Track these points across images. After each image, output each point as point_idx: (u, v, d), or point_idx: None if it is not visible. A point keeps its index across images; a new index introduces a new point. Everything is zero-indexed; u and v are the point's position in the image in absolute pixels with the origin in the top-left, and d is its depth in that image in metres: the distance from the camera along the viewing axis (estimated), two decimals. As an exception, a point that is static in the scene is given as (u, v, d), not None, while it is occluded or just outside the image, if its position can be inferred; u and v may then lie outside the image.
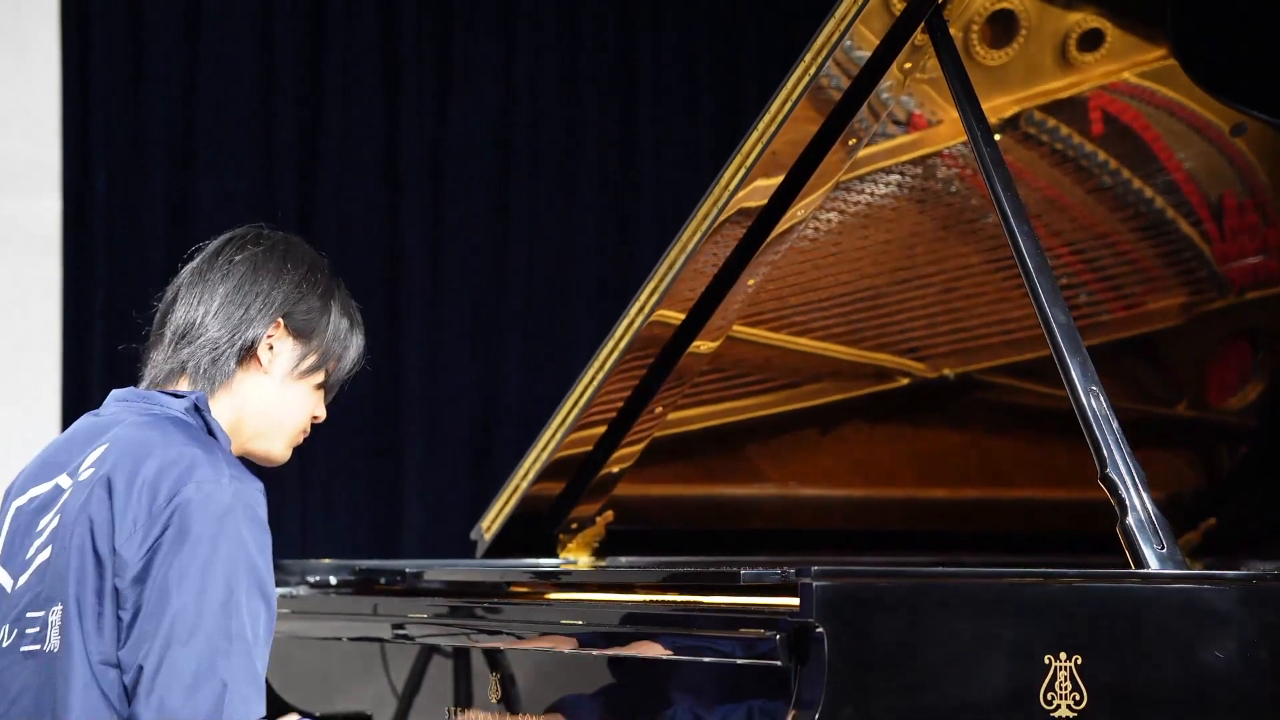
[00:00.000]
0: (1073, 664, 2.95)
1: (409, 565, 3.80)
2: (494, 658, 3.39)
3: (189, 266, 3.05)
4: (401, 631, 3.60)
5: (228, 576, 2.76)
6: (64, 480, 2.90)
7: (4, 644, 2.84)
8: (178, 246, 5.96)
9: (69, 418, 5.81)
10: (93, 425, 2.97)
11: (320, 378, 3.02)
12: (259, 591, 2.79)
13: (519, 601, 3.55)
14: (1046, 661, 2.94)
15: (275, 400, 2.99)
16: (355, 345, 3.06)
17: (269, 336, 2.98)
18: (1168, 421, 4.54)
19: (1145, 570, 3.11)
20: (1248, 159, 4.12)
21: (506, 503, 4.17)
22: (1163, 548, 3.13)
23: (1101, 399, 3.23)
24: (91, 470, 2.85)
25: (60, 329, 5.84)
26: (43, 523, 2.88)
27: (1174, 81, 3.94)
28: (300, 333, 3.00)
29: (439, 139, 6.24)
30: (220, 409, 2.97)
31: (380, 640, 3.64)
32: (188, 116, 5.99)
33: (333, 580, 3.90)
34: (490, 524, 4.20)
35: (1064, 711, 2.94)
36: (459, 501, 6.11)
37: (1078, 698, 2.94)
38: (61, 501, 2.87)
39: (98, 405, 3.07)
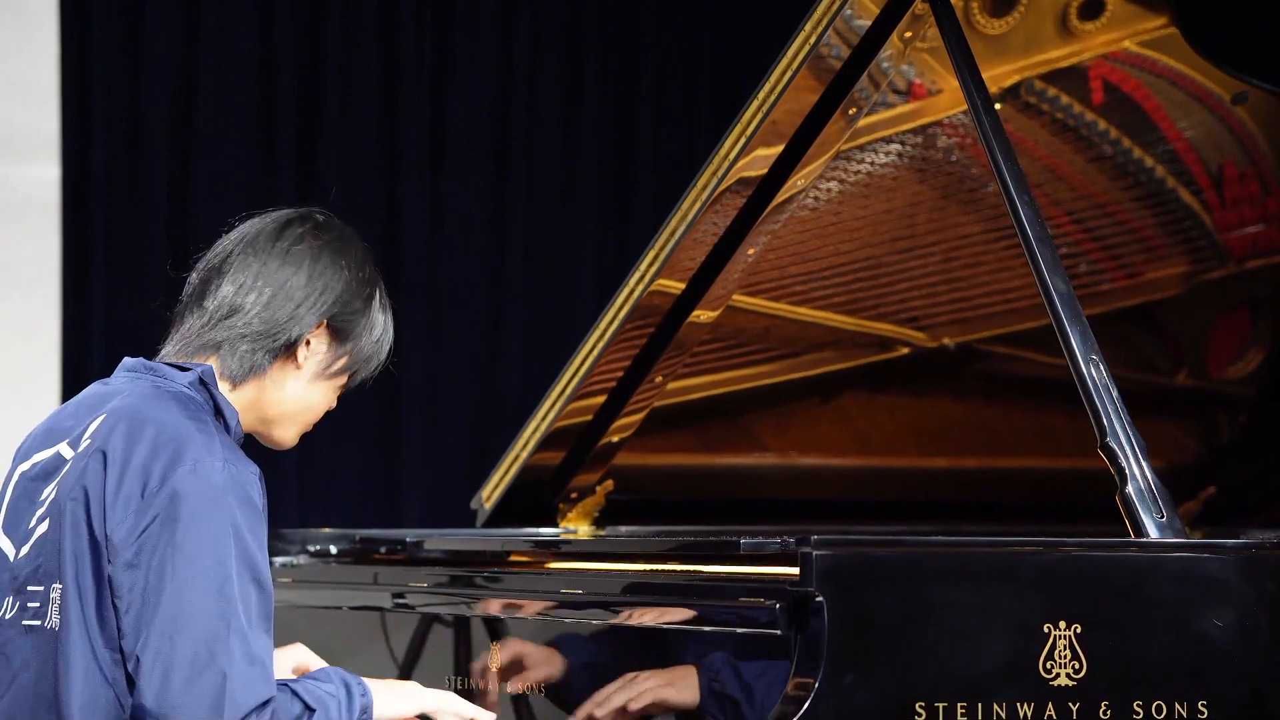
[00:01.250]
0: (1072, 633, 2.95)
1: (409, 534, 3.80)
2: (494, 627, 3.40)
3: (240, 237, 2.99)
4: (402, 600, 3.60)
5: (220, 562, 2.73)
6: (65, 449, 2.88)
7: (7, 616, 2.83)
8: (177, 216, 6.01)
9: (68, 384, 5.81)
10: (99, 394, 2.94)
11: (345, 378, 3.01)
12: (251, 576, 2.76)
13: (519, 571, 3.56)
14: (1046, 630, 2.94)
15: (300, 395, 2.97)
16: (385, 347, 3.04)
17: (310, 335, 2.94)
18: (1168, 390, 4.54)
19: (1145, 539, 3.11)
20: (1248, 128, 4.11)
21: (506, 472, 4.17)
22: (1162, 516, 3.13)
23: (1101, 368, 3.23)
24: (89, 442, 2.83)
25: (60, 297, 5.84)
26: (44, 492, 2.86)
27: (1175, 50, 3.93)
28: (339, 334, 2.96)
29: (438, 114, 6.24)
30: (242, 393, 2.92)
31: (380, 609, 3.65)
32: (187, 86, 5.98)
33: (333, 549, 3.91)
34: (490, 493, 4.21)
35: (1063, 680, 2.94)
36: (458, 472, 6.11)
37: (1077, 666, 2.95)
38: (62, 472, 2.85)
39: (96, 372, 3.05)
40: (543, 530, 4.17)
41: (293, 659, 3.08)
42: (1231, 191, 4.20)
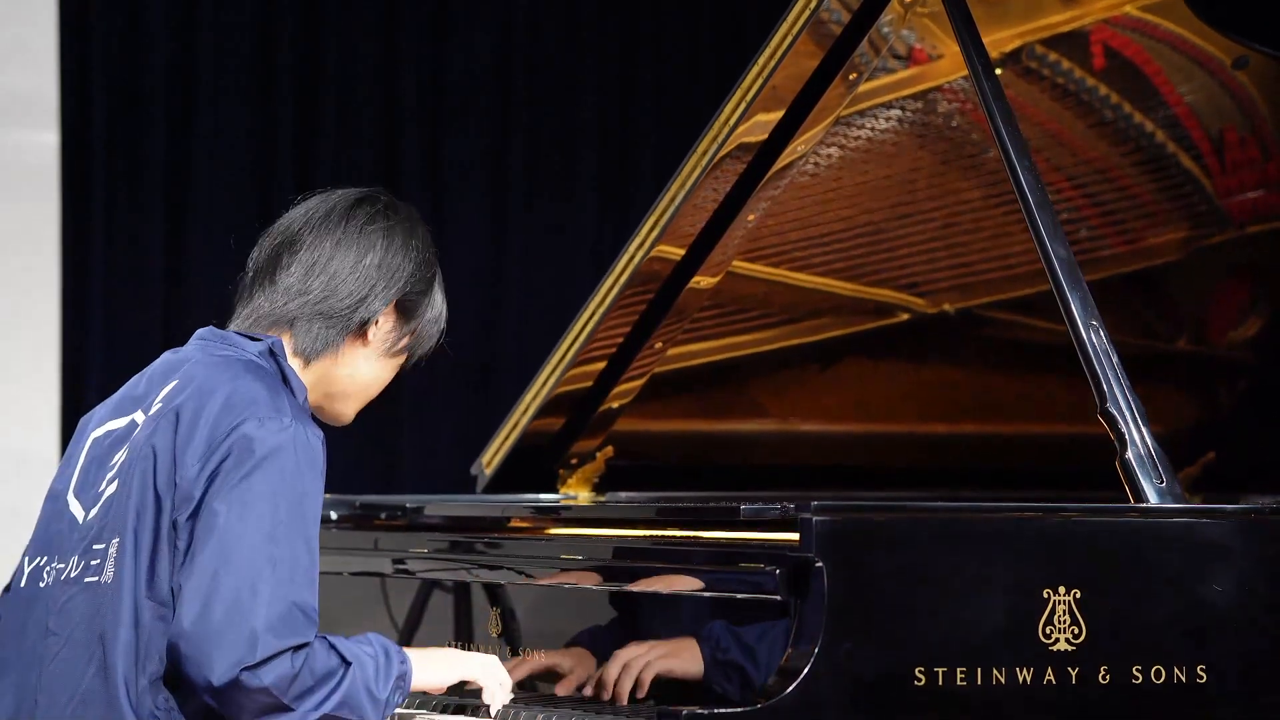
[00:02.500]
0: (1071, 598, 2.95)
1: (409, 500, 3.81)
2: (494, 592, 3.40)
3: (307, 215, 3.01)
4: (402, 566, 3.61)
5: (275, 510, 2.78)
6: (139, 416, 2.93)
7: (72, 575, 2.88)
8: (177, 181, 6.00)
9: (67, 351, 5.81)
10: (171, 361, 2.99)
11: (404, 358, 3.08)
12: (302, 533, 2.81)
13: (519, 536, 3.56)
14: (1045, 595, 2.95)
15: (366, 372, 3.04)
16: (442, 324, 3.12)
17: (381, 313, 3.00)
18: (1168, 356, 4.54)
19: (1144, 504, 3.11)
20: (1249, 92, 4.10)
21: (507, 438, 4.17)
22: (1162, 482, 3.13)
23: (1101, 334, 3.23)
24: (160, 406, 2.89)
25: (59, 263, 5.84)
26: (115, 457, 2.91)
27: (1175, 15, 3.92)
28: (405, 314, 3.03)
29: (438, 72, 6.22)
30: (314, 369, 2.98)
31: (381, 575, 3.65)
32: (186, 49, 5.97)
33: (333, 515, 3.91)
34: (490, 459, 4.21)
35: (1062, 645, 2.95)
36: (458, 438, 6.11)
37: (1076, 631, 2.95)
38: (132, 435, 2.90)
39: (95, 337, 3.10)
40: (543, 496, 4.18)
41: None
42: (1232, 156, 4.19)
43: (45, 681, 2.85)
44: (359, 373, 3.03)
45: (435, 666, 2.98)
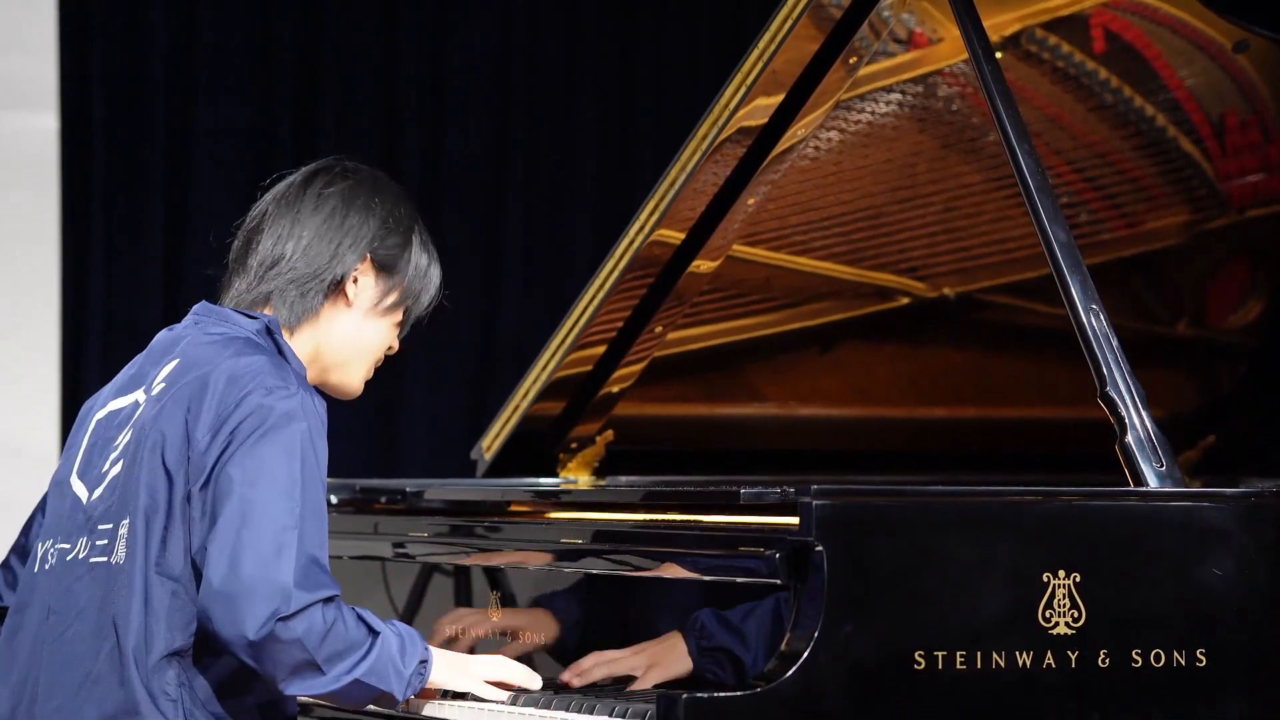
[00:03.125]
0: (1071, 582, 2.95)
1: (409, 484, 3.81)
2: (494, 576, 3.40)
3: (273, 195, 3.08)
4: (402, 550, 3.61)
5: (291, 471, 2.84)
6: (140, 395, 2.96)
7: (79, 555, 2.89)
8: (176, 167, 6.00)
9: (67, 337, 5.81)
10: (167, 340, 3.02)
11: (400, 313, 3.08)
12: (315, 491, 2.87)
13: (519, 520, 3.56)
14: (1045, 579, 2.95)
15: (356, 334, 3.05)
16: (434, 280, 3.12)
17: (356, 271, 3.02)
18: (1168, 340, 4.54)
19: (1144, 488, 3.11)
20: (1250, 76, 4.10)
21: (507, 422, 4.17)
22: (1162, 466, 3.13)
23: (1101, 317, 3.23)
24: (163, 385, 2.92)
25: (59, 249, 5.83)
26: (120, 438, 2.93)
27: (1177, -2, 3.92)
28: (385, 268, 3.04)
29: (438, 61, 6.22)
30: (301, 339, 3.02)
31: (381, 559, 3.65)
32: (186, 34, 5.96)
33: (333, 499, 3.91)
34: (490, 443, 4.21)
35: (1062, 629, 2.95)
36: (458, 422, 6.11)
37: (1076, 615, 2.95)
38: (136, 415, 2.93)
39: (96, 323, 3.13)
40: (543, 480, 4.18)
41: None
42: (1232, 140, 4.19)
43: (47, 662, 2.86)
44: (350, 335, 3.05)
45: (447, 671, 3.00)
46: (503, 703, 3.04)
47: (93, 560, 2.87)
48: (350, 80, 6.15)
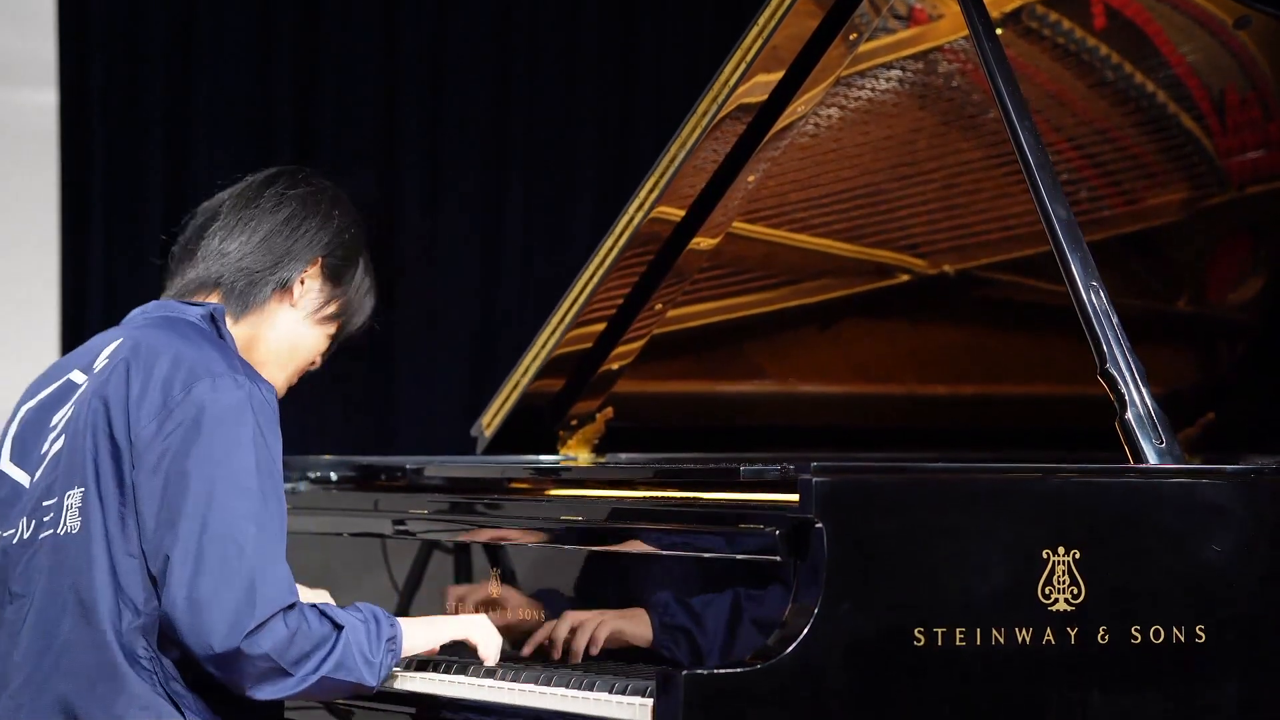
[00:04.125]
0: (1070, 558, 2.96)
1: (410, 461, 3.81)
2: (494, 553, 3.41)
3: (229, 192, 3.10)
4: (402, 527, 3.61)
5: (245, 468, 2.82)
6: (77, 375, 2.97)
7: (24, 536, 2.89)
8: (175, 141, 5.99)
9: (67, 310, 5.81)
10: (108, 331, 3.04)
11: (335, 327, 3.10)
12: (273, 486, 2.85)
13: (519, 497, 3.56)
14: (1045, 556, 2.95)
15: (294, 336, 3.07)
16: (370, 305, 3.14)
17: (305, 273, 3.04)
18: (1168, 317, 4.54)
19: (1144, 465, 3.12)
20: (1251, 53, 4.09)
21: (506, 399, 4.17)
22: (1161, 443, 3.14)
23: (1102, 294, 3.23)
24: (105, 361, 2.92)
25: (58, 224, 5.83)
26: (55, 417, 2.94)
27: (1177, -26, 3.92)
28: (333, 277, 3.07)
29: (439, 32, 6.21)
30: (240, 330, 3.03)
31: (381, 536, 3.66)
32: (186, 8, 5.95)
33: (333, 476, 3.92)
34: (490, 420, 4.21)
35: (1061, 605, 2.95)
36: (458, 399, 6.11)
37: (1075, 591, 2.95)
38: (76, 394, 2.93)
39: (95, 298, 3.14)
40: (543, 457, 4.18)
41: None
42: (1233, 117, 4.18)
43: (20, 641, 2.86)
44: (288, 335, 3.06)
45: (424, 630, 3.04)
46: (495, 656, 3.09)
47: (41, 536, 2.88)
48: (350, 53, 6.14)
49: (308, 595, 3.23)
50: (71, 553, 2.83)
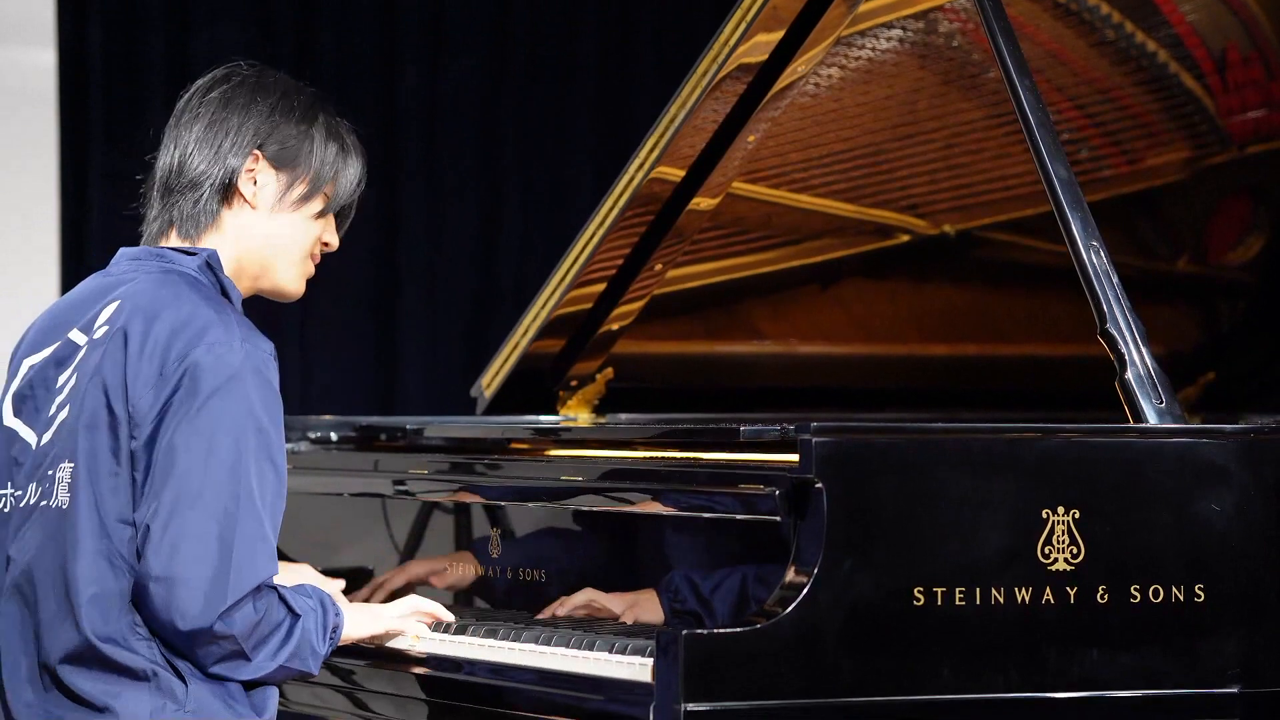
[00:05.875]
0: (1070, 518, 2.96)
1: (410, 422, 3.81)
2: (494, 513, 3.41)
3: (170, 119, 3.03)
4: (402, 487, 3.62)
5: (236, 439, 2.77)
6: (78, 336, 2.90)
7: (30, 501, 2.86)
8: (174, 101, 5.97)
9: (67, 272, 5.80)
10: (102, 284, 2.95)
11: (317, 205, 2.99)
12: (267, 456, 2.80)
13: (519, 458, 3.56)
14: (1044, 516, 2.95)
15: (268, 233, 2.96)
16: (352, 169, 3.02)
17: (249, 171, 2.95)
18: (1168, 277, 4.54)
19: (1144, 425, 3.12)
20: (1252, 10, 4.08)
21: (506, 360, 4.17)
22: (1161, 402, 3.14)
23: (1102, 254, 3.22)
24: (105, 328, 2.85)
25: (58, 184, 5.82)
26: (61, 379, 2.88)
27: (1178, -68, 3.91)
28: (282, 163, 2.96)
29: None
30: (221, 254, 2.94)
31: (381, 496, 3.66)
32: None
33: (334, 436, 3.92)
34: (490, 381, 4.21)
35: (1061, 565, 2.95)
36: (458, 360, 6.12)
37: (1074, 551, 2.96)
38: (78, 359, 2.87)
39: (94, 257, 3.07)
40: (543, 418, 4.18)
41: (298, 578, 3.12)
42: (1234, 75, 4.17)
43: (5, 608, 2.85)
44: (263, 236, 2.96)
45: (361, 620, 3.03)
46: (428, 635, 3.10)
47: (40, 505, 2.84)
48: (349, 11, 6.12)
49: (289, 569, 3.22)
50: (60, 528, 2.80)
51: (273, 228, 2.97)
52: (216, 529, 2.74)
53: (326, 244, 3.03)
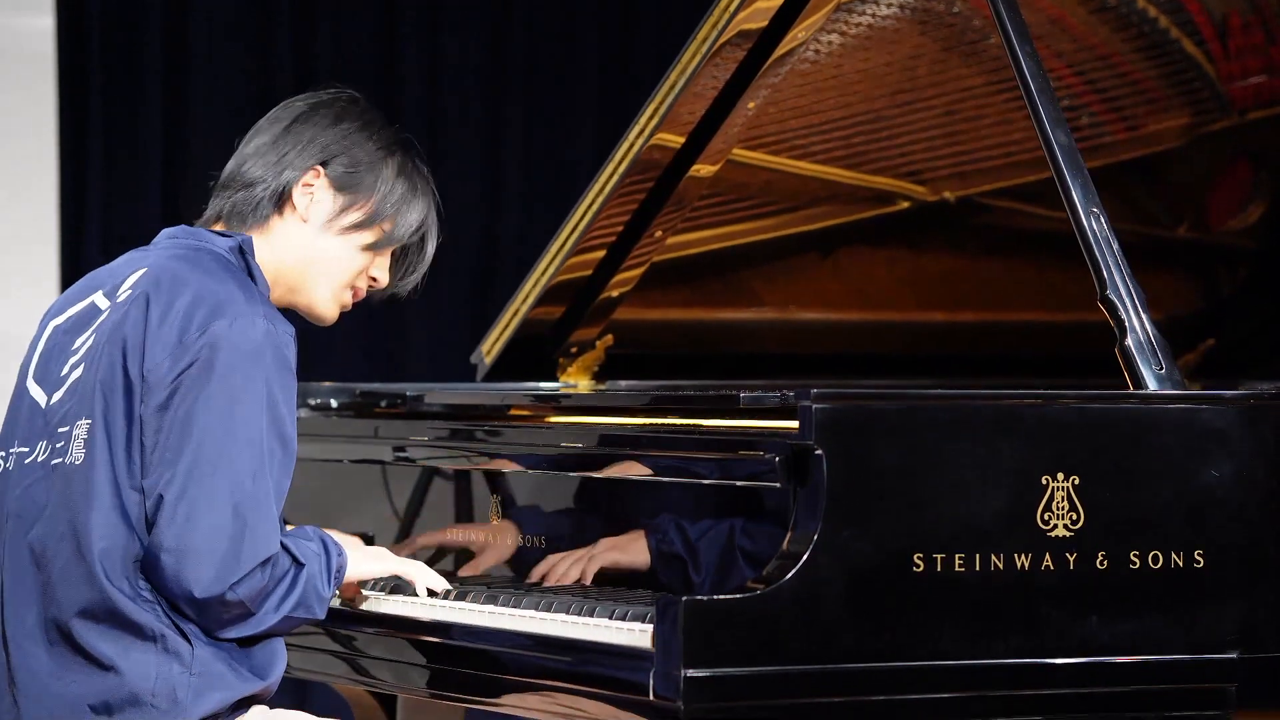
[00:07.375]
0: (1070, 484, 2.96)
1: (410, 388, 3.82)
2: (494, 480, 3.41)
3: None
4: (402, 454, 3.62)
5: (251, 416, 2.79)
6: (100, 300, 2.93)
7: (38, 459, 2.88)
8: (174, 64, 5.97)
9: (66, 239, 5.80)
10: (137, 254, 2.99)
11: (370, 237, 3.01)
12: (278, 434, 2.82)
13: (519, 424, 3.57)
14: (1044, 482, 2.96)
15: (310, 249, 3.00)
16: (415, 213, 3.04)
17: (305, 185, 2.98)
18: (1168, 243, 4.54)
19: (1144, 391, 3.12)
20: (1254, -25, 4.08)
21: (507, 326, 4.17)
22: (1161, 368, 3.14)
23: (1102, 220, 3.22)
24: (129, 292, 2.88)
25: (56, 150, 5.82)
26: (78, 341, 2.91)
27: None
28: (343, 185, 2.99)
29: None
30: (260, 255, 2.97)
31: (381, 463, 3.66)
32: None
33: (334, 403, 3.92)
34: (490, 347, 4.21)
35: (1061, 531, 2.96)
36: (458, 326, 6.12)
37: (1074, 517, 2.96)
38: (98, 321, 2.90)
39: (94, 224, 3.09)
40: (543, 384, 4.18)
41: None
42: (1235, 41, 4.17)
43: (11, 564, 2.87)
44: (304, 250, 2.99)
45: (366, 559, 3.07)
46: (440, 587, 3.12)
47: (53, 462, 2.86)
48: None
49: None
50: (74, 484, 2.83)
51: (318, 245, 3.00)
52: (231, 500, 2.77)
53: (374, 280, 3.06)
